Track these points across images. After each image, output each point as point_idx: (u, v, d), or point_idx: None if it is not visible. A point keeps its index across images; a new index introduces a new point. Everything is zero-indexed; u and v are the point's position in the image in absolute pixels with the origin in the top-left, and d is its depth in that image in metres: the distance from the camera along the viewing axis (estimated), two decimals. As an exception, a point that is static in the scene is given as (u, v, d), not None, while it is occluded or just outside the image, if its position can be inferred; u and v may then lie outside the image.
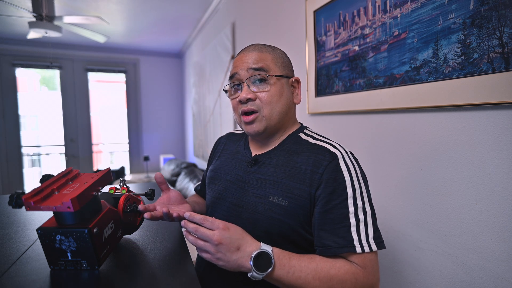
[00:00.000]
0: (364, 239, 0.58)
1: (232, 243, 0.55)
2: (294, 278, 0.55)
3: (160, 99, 4.67)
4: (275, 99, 0.68)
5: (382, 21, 0.96)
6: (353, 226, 0.59)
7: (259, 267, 0.54)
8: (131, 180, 3.98)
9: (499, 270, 0.69)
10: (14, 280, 0.52)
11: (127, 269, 0.58)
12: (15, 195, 0.51)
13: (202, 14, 3.04)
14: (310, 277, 0.55)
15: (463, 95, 0.73)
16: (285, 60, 0.74)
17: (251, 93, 0.68)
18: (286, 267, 0.56)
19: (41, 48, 3.87)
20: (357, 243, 0.58)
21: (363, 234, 0.59)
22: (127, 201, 0.68)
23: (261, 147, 0.75)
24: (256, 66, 0.68)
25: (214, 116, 2.88)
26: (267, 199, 0.66)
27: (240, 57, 0.72)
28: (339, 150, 0.66)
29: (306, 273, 0.56)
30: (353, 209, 0.60)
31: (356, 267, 0.57)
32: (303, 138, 0.72)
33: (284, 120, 0.72)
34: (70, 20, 2.32)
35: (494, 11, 0.66)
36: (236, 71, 0.71)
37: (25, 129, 4.65)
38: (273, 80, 0.69)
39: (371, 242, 0.59)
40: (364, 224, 0.60)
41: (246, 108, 0.69)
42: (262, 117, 0.69)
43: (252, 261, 0.54)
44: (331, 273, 0.56)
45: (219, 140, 0.92)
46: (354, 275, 0.56)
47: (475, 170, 0.73)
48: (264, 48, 0.72)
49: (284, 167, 0.67)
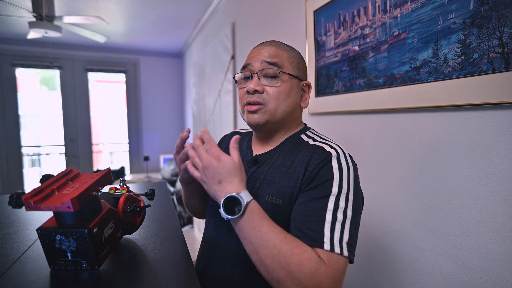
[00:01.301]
0: (336, 239, 0.54)
1: (216, 175, 0.56)
2: (257, 235, 0.54)
3: (160, 99, 4.67)
4: (283, 96, 0.68)
5: (382, 21, 0.96)
6: (328, 222, 0.56)
7: (228, 209, 0.55)
8: (131, 180, 3.99)
9: (499, 270, 0.69)
10: (14, 280, 0.52)
11: (127, 269, 0.58)
12: (15, 195, 0.51)
13: (202, 14, 3.04)
14: (271, 242, 0.52)
15: (463, 95, 0.73)
16: (300, 62, 0.74)
17: (259, 85, 0.68)
18: (254, 222, 0.54)
19: (41, 48, 3.87)
20: (327, 239, 0.54)
21: (337, 234, 0.55)
22: (127, 201, 0.68)
23: (262, 146, 0.76)
24: (271, 61, 0.68)
25: (214, 116, 2.87)
26: (263, 198, 0.66)
27: (257, 49, 0.72)
28: (335, 150, 0.65)
29: (269, 237, 0.53)
30: (332, 207, 0.57)
31: (320, 260, 0.53)
32: (304, 139, 0.72)
33: (287, 119, 0.71)
34: (70, 20, 2.32)
35: (494, 11, 0.66)
36: (249, 62, 0.70)
37: (25, 129, 4.66)
38: (285, 77, 0.68)
39: (343, 246, 0.54)
40: (341, 225, 0.56)
41: (252, 99, 0.68)
42: (266, 110, 0.68)
43: (223, 201, 0.55)
44: (294, 251, 0.52)
45: (223, 139, 0.92)
46: (316, 264, 0.51)
47: (475, 170, 0.73)
48: (282, 45, 0.72)
49: (281, 167, 0.67)
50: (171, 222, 0.83)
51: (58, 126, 4.18)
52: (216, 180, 0.56)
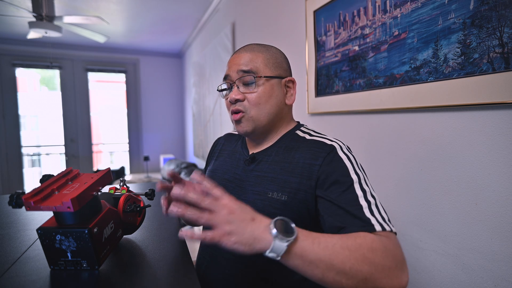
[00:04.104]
0: (381, 219, 0.54)
1: (246, 213, 0.48)
2: (321, 248, 0.47)
3: (160, 99, 4.67)
4: (263, 100, 0.69)
5: (382, 21, 0.96)
6: (366, 208, 0.56)
7: (283, 232, 0.46)
8: (131, 180, 3.98)
9: (499, 270, 0.69)
10: (14, 280, 0.52)
11: (127, 269, 0.58)
12: (15, 195, 0.51)
13: (202, 14, 3.04)
14: (337, 246, 0.48)
15: (463, 95, 0.73)
16: (278, 60, 0.73)
17: (240, 94, 0.70)
18: (310, 237, 0.48)
19: (41, 48, 3.87)
20: (374, 221, 0.53)
21: (378, 216, 0.55)
22: (127, 201, 0.68)
23: (257, 145, 0.76)
24: (246, 68, 0.69)
25: (214, 116, 2.88)
26: (266, 195, 0.66)
27: (233, 58, 0.73)
28: (336, 142, 0.66)
29: (332, 243, 0.48)
30: (361, 193, 0.58)
31: (381, 236, 0.51)
32: (300, 135, 0.72)
33: (274, 120, 0.72)
34: (70, 20, 2.32)
35: (494, 11, 0.66)
36: (228, 73, 0.73)
37: (25, 129, 4.66)
38: (261, 81, 0.69)
39: (388, 223, 0.54)
40: (376, 207, 0.57)
41: (234, 108, 0.71)
42: (249, 117, 0.70)
43: (275, 225, 0.46)
44: (358, 241, 0.49)
45: (217, 141, 0.92)
46: (382, 242, 0.50)
47: (475, 170, 0.73)
48: (257, 48, 0.73)
49: (282, 163, 0.68)
50: (171, 222, 0.83)
51: (58, 126, 4.18)
52: (249, 218, 0.47)
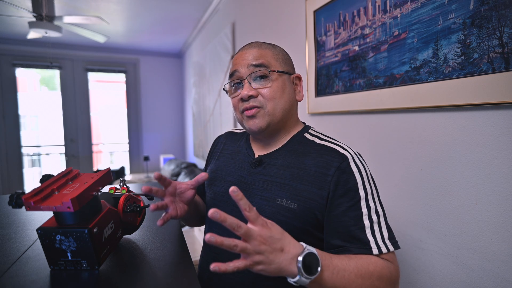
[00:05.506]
0: (380, 240, 0.58)
1: (276, 243, 0.46)
2: (338, 278, 0.51)
3: (160, 99, 4.67)
4: (278, 94, 0.67)
5: (382, 21, 0.96)
6: (368, 228, 0.58)
7: (308, 270, 0.47)
8: (131, 180, 3.98)
9: (499, 270, 0.69)
10: (14, 280, 0.52)
11: (127, 269, 0.58)
12: (15, 195, 0.51)
13: (202, 14, 3.04)
14: (353, 275, 0.52)
15: (463, 95, 0.73)
16: (285, 57, 0.73)
17: (252, 90, 0.66)
18: (330, 267, 0.50)
19: (41, 48, 3.87)
20: (373, 244, 0.57)
21: (379, 235, 0.58)
22: (127, 201, 0.68)
23: (264, 146, 0.73)
24: (256, 63, 0.67)
25: (214, 116, 2.88)
26: (275, 201, 0.63)
27: (240, 54, 0.70)
28: (348, 151, 0.65)
29: (349, 271, 0.52)
30: (366, 211, 0.59)
31: (387, 261, 0.57)
32: (309, 139, 0.70)
33: (287, 117, 0.70)
34: (70, 20, 2.32)
35: (494, 11, 0.66)
36: (236, 69, 0.69)
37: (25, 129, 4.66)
38: (274, 75, 0.67)
39: (387, 243, 0.58)
40: (378, 225, 0.59)
41: (248, 105, 0.66)
42: (265, 112, 0.66)
43: (302, 264, 0.46)
44: (370, 269, 0.54)
45: (218, 139, 0.89)
46: (388, 269, 0.56)
47: (475, 170, 0.73)
48: (264, 45, 0.71)
49: (291, 168, 0.65)
50: (171, 222, 0.83)
51: (58, 126, 4.18)
52: (278, 249, 0.46)
